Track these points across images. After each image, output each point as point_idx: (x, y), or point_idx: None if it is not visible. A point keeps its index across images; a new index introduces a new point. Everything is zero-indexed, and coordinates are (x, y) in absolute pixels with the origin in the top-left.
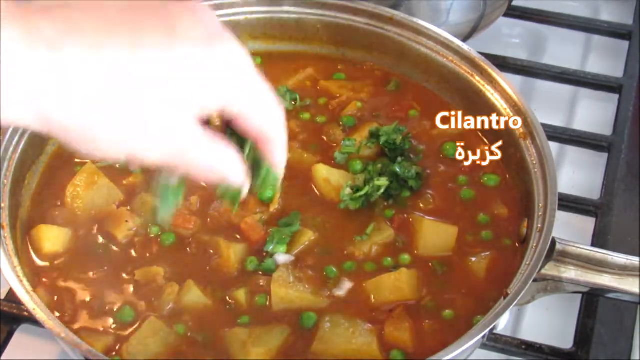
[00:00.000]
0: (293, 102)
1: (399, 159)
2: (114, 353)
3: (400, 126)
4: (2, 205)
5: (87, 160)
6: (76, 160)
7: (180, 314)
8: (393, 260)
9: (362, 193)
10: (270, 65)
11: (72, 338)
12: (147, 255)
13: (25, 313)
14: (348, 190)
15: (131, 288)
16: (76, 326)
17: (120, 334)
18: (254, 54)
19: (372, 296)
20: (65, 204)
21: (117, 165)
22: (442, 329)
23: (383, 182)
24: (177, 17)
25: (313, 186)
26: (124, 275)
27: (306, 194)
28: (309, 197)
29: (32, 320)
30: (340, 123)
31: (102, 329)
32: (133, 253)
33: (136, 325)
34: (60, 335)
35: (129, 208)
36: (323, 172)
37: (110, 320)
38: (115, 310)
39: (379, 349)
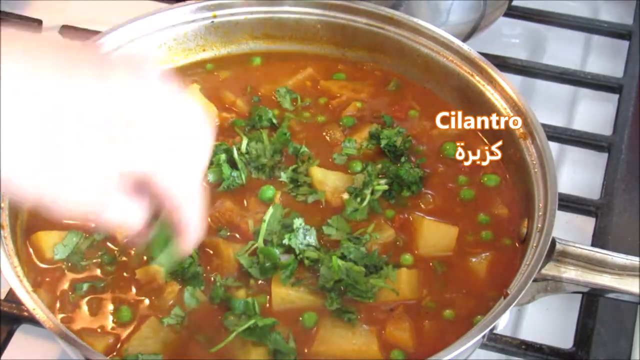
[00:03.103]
0: (293, 102)
1: (402, 159)
2: (114, 353)
3: (401, 127)
4: (2, 205)
5: None
6: None
7: (181, 313)
8: (393, 260)
9: (364, 205)
10: (270, 65)
11: (72, 338)
12: (147, 255)
13: (25, 313)
14: (346, 196)
15: (132, 288)
16: (76, 326)
17: (120, 334)
18: (254, 54)
19: None
20: None
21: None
22: (442, 329)
23: (383, 186)
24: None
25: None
26: (124, 274)
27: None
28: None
29: (32, 320)
30: (340, 123)
31: (102, 329)
32: (133, 253)
33: (136, 325)
34: (60, 335)
35: None
36: (318, 174)
37: (110, 320)
38: (115, 310)
39: (379, 349)
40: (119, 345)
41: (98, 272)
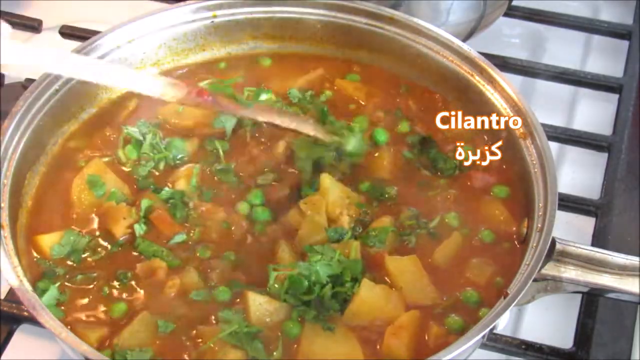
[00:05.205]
0: (302, 104)
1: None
2: (110, 348)
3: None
4: (2, 205)
5: (94, 155)
6: (80, 156)
7: (181, 308)
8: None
9: (346, 239)
10: (279, 66)
11: (72, 338)
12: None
13: (25, 313)
14: (345, 217)
15: (132, 282)
16: (73, 320)
17: (119, 328)
18: (263, 54)
19: None
20: (71, 200)
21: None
22: (442, 329)
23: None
24: None
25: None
26: (126, 269)
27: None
28: None
29: (32, 320)
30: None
31: (98, 323)
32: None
33: (136, 319)
34: (60, 335)
35: (135, 204)
36: (326, 182)
37: (107, 314)
38: (112, 304)
39: (379, 349)
40: (117, 340)
41: (96, 268)
